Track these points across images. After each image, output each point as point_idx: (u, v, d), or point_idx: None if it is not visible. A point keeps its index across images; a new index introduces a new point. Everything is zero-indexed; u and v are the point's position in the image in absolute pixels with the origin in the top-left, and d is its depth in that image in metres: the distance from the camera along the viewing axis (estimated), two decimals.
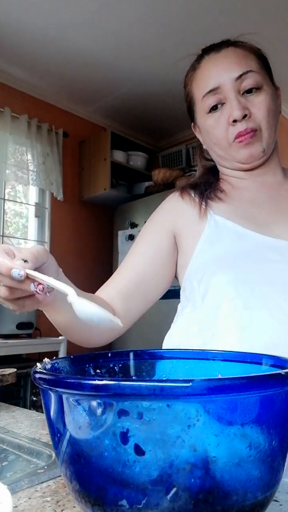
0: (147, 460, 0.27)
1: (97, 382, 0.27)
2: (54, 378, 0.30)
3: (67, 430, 0.30)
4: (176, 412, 0.27)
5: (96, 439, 0.28)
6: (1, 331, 2.40)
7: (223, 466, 0.28)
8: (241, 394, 0.27)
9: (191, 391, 0.26)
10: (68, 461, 0.31)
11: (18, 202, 3.14)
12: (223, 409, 0.27)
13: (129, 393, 0.26)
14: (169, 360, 0.48)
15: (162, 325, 3.24)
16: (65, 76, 2.95)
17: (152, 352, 0.49)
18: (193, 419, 0.27)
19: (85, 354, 0.45)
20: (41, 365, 0.36)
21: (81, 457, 0.30)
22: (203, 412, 0.27)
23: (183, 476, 0.27)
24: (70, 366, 0.43)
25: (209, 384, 0.26)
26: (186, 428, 0.27)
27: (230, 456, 0.28)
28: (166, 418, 0.27)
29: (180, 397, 0.26)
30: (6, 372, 0.80)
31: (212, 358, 0.46)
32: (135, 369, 0.47)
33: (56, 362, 0.40)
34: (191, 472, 0.27)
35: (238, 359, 0.44)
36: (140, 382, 0.26)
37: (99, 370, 0.45)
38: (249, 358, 0.43)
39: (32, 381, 0.35)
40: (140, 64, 2.79)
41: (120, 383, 0.26)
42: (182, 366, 0.48)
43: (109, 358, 0.46)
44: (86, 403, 0.29)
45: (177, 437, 0.27)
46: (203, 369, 0.46)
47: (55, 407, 0.31)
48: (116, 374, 0.46)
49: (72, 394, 0.29)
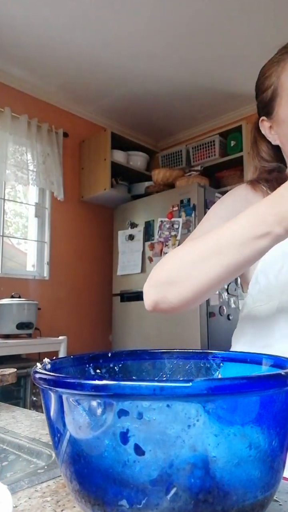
0: (147, 460, 0.27)
1: (97, 382, 0.27)
2: (54, 378, 0.30)
3: (67, 430, 0.30)
4: (176, 412, 0.27)
5: (96, 439, 0.28)
6: (1, 331, 2.40)
7: (223, 466, 0.28)
8: (241, 394, 0.27)
9: (191, 391, 0.26)
10: (68, 461, 0.31)
11: (18, 202, 3.14)
12: (223, 409, 0.27)
13: (129, 393, 0.26)
14: (169, 360, 0.48)
15: (162, 325, 3.25)
16: (65, 76, 2.95)
17: (152, 352, 0.49)
18: (193, 419, 0.27)
19: (85, 354, 0.45)
20: (41, 365, 0.36)
21: (81, 457, 0.30)
22: (203, 412, 0.27)
23: (183, 476, 0.27)
24: (70, 366, 0.43)
25: (209, 384, 0.26)
26: (186, 428, 0.27)
27: (230, 456, 0.28)
28: (166, 418, 0.27)
29: (180, 397, 0.26)
30: (6, 372, 0.80)
31: (212, 358, 0.46)
32: (135, 369, 0.47)
33: (56, 362, 0.40)
34: (191, 472, 0.27)
35: (238, 359, 0.44)
36: (140, 382, 0.26)
37: (99, 370, 0.45)
38: (249, 358, 0.43)
39: (32, 381, 0.35)
40: (140, 64, 2.79)
41: (120, 383, 0.26)
42: (182, 366, 0.48)
43: (109, 358, 0.46)
44: (86, 403, 0.29)
45: (177, 437, 0.27)
46: (203, 369, 0.46)
47: (55, 407, 0.31)
48: (116, 374, 0.46)
49: (72, 394, 0.29)
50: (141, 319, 2.98)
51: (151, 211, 3.02)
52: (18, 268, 3.08)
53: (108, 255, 3.40)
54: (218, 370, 0.45)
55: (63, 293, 3.15)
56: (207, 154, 3.23)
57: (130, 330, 3.06)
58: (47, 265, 3.07)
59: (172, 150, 3.51)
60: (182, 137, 3.78)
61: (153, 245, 2.94)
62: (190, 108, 3.38)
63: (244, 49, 2.66)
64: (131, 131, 3.67)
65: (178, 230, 2.79)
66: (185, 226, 2.76)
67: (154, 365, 0.48)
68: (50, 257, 3.08)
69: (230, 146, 3.18)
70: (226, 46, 2.62)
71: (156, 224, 2.94)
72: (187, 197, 2.79)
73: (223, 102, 3.30)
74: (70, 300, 3.19)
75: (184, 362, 0.48)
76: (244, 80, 2.97)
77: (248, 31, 2.49)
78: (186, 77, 2.95)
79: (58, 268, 3.12)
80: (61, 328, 3.02)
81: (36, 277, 2.99)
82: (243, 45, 2.62)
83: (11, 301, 2.45)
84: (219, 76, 2.95)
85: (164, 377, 0.48)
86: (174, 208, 2.85)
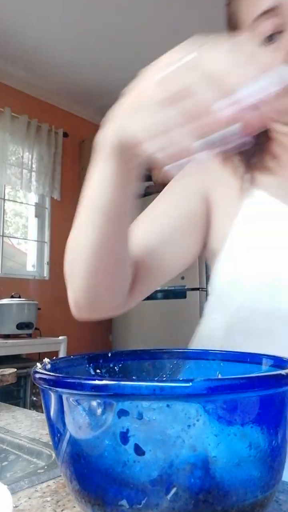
0: (147, 460, 0.27)
1: (97, 382, 0.27)
2: (54, 378, 0.30)
3: (67, 430, 0.30)
4: (176, 412, 0.27)
5: (96, 439, 0.28)
6: (1, 331, 2.40)
7: (223, 466, 0.28)
8: (241, 394, 0.27)
9: (191, 391, 0.26)
10: (68, 461, 0.31)
11: (18, 202, 3.14)
12: (223, 409, 0.27)
13: (129, 393, 0.26)
14: (169, 360, 0.48)
15: (162, 325, 3.23)
16: (65, 76, 2.95)
17: (152, 352, 0.49)
18: (193, 419, 0.27)
19: (85, 354, 0.45)
20: (41, 365, 0.36)
21: (81, 457, 0.30)
22: (203, 412, 0.27)
23: (183, 476, 0.27)
24: (70, 366, 0.43)
25: (209, 384, 0.26)
26: (186, 428, 0.27)
27: (230, 456, 0.28)
28: (166, 418, 0.27)
29: (180, 397, 0.26)
30: (6, 372, 0.80)
31: (212, 358, 0.46)
32: (135, 369, 0.47)
33: (56, 362, 0.40)
34: (191, 472, 0.27)
35: (238, 359, 0.44)
36: (140, 382, 0.26)
37: (99, 370, 0.45)
38: (249, 358, 0.43)
39: (32, 381, 0.35)
40: (140, 64, 2.78)
41: (120, 383, 0.26)
42: (182, 366, 0.48)
43: (109, 358, 0.46)
44: (86, 403, 0.29)
45: (177, 437, 0.27)
46: (203, 369, 0.46)
47: (55, 407, 0.31)
48: (116, 374, 0.46)
49: (72, 394, 0.29)
50: (141, 319, 2.98)
51: None
52: (18, 268, 3.08)
53: None
54: (218, 370, 0.45)
55: (63, 293, 3.11)
56: None
57: (130, 330, 3.06)
58: (47, 265, 3.06)
59: None
60: None
61: None
62: None
63: None
64: None
65: None
66: None
67: (154, 365, 0.48)
68: (50, 257, 3.08)
69: None
70: None
71: None
72: None
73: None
74: None
75: (184, 362, 0.48)
76: None
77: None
78: None
79: (58, 268, 3.11)
80: (61, 328, 3.02)
81: (36, 277, 2.99)
82: None
83: (11, 301, 2.45)
84: None
85: (164, 377, 0.48)
86: None
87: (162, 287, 2.86)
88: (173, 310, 2.83)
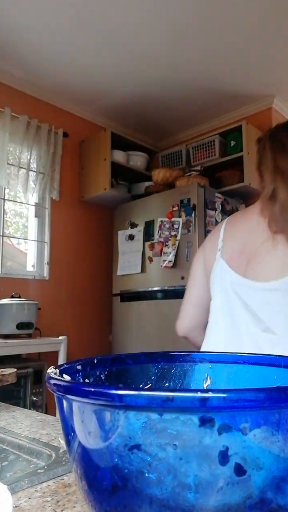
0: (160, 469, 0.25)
1: (120, 392, 0.25)
2: (69, 384, 0.28)
3: (76, 436, 0.29)
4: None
5: (106, 448, 0.27)
6: (1, 331, 2.40)
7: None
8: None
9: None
10: (79, 460, 0.30)
11: (18, 202, 3.14)
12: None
13: (158, 405, 0.23)
14: (153, 365, 0.45)
15: (162, 325, 3.24)
16: (65, 76, 2.95)
17: (135, 356, 0.45)
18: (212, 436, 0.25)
19: (74, 363, 0.40)
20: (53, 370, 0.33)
21: (91, 460, 0.29)
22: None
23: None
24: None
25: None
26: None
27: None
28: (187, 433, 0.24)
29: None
30: (6, 372, 0.80)
31: (199, 361, 0.44)
32: (121, 376, 0.44)
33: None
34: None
35: (228, 361, 0.43)
36: (183, 393, 0.23)
37: (87, 379, 0.41)
38: (239, 359, 0.41)
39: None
40: (140, 64, 2.79)
41: (148, 393, 0.24)
42: (167, 370, 0.45)
43: (95, 365, 0.42)
44: (100, 411, 0.27)
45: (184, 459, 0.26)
46: (189, 372, 0.44)
47: (67, 410, 0.29)
48: (103, 382, 0.42)
49: (89, 403, 0.27)
50: (141, 319, 2.98)
51: (151, 211, 3.02)
52: (18, 268, 3.08)
53: (108, 255, 3.40)
54: (207, 373, 0.43)
55: (63, 293, 3.15)
56: (207, 154, 3.23)
57: (130, 330, 3.06)
58: (47, 265, 3.07)
59: (172, 150, 3.51)
60: (182, 137, 3.78)
61: (153, 245, 2.93)
62: (190, 108, 3.38)
63: (244, 49, 2.66)
64: (131, 131, 3.67)
65: (178, 230, 2.79)
66: (185, 226, 2.76)
67: (141, 370, 0.45)
68: (50, 257, 3.08)
69: (230, 146, 3.18)
70: (226, 46, 2.62)
71: (156, 224, 2.94)
72: (187, 197, 2.79)
73: (223, 102, 3.30)
74: (70, 300, 3.19)
75: (169, 365, 0.45)
76: (244, 80, 2.97)
77: (248, 31, 2.49)
78: (186, 77, 2.95)
79: (58, 268, 3.12)
80: (61, 328, 3.02)
81: (36, 277, 2.99)
82: (243, 45, 2.61)
83: (11, 301, 2.45)
84: (219, 76, 2.95)
85: (149, 383, 0.44)
86: (174, 208, 2.85)
87: (162, 287, 2.86)
88: (173, 310, 2.83)
